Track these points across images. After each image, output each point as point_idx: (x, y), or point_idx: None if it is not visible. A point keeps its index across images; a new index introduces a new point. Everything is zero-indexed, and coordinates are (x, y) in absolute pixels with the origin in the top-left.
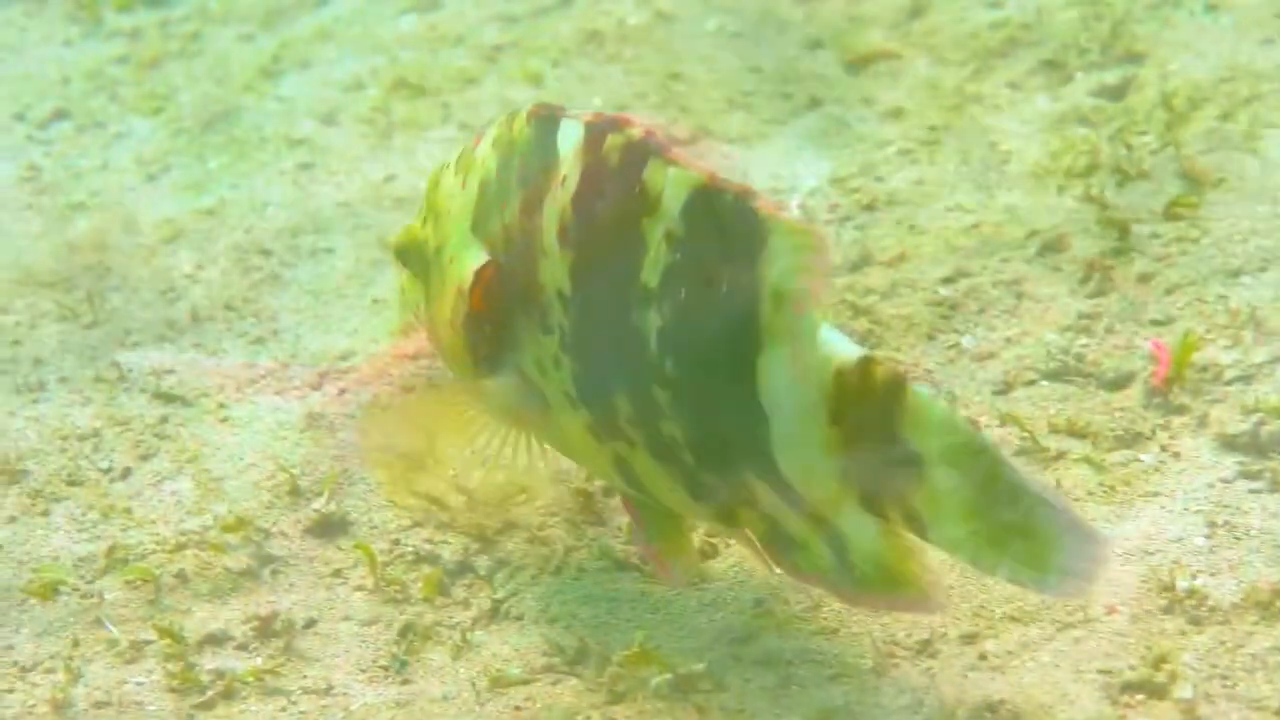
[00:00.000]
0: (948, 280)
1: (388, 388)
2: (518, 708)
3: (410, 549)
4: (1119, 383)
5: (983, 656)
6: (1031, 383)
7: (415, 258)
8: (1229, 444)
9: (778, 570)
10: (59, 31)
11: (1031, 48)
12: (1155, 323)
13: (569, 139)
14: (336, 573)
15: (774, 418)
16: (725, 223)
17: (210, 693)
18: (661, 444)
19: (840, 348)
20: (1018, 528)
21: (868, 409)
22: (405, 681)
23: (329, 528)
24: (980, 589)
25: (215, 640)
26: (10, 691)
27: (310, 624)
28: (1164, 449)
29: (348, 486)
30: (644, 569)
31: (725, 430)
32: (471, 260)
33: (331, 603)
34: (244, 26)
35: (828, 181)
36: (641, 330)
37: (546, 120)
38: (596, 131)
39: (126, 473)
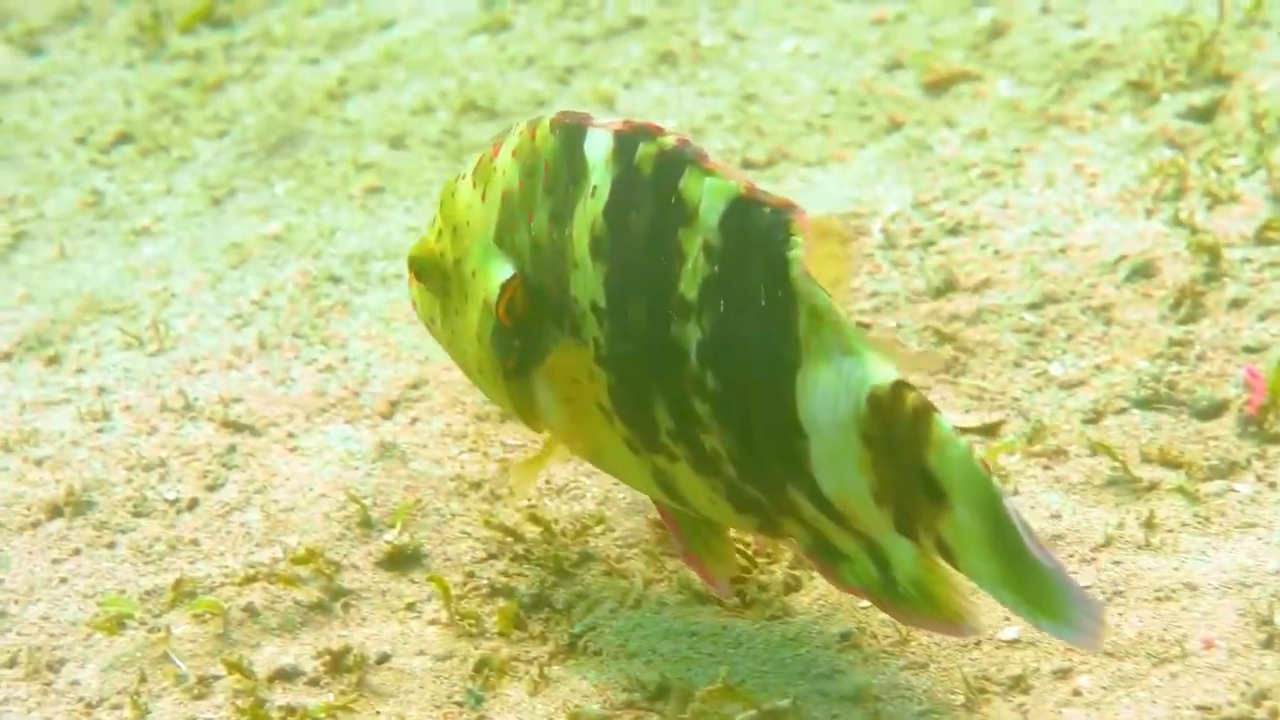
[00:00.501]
0: (1034, 306)
1: (460, 416)
2: None
3: (485, 582)
4: (1212, 411)
5: (1076, 693)
6: (1122, 411)
7: (432, 271)
8: None
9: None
10: (120, 54)
11: (1116, 69)
12: (1249, 350)
13: (597, 148)
14: (410, 606)
15: (812, 435)
16: (761, 235)
17: None
18: (703, 457)
19: (876, 369)
20: (1029, 575)
21: (898, 435)
22: (481, 718)
23: (402, 560)
24: None
25: (286, 675)
26: None
27: (383, 659)
28: (1260, 479)
29: (420, 518)
30: (725, 603)
31: (767, 445)
32: (497, 273)
33: (405, 637)
34: (309, 49)
35: (910, 205)
36: (681, 343)
37: (572, 129)
38: (627, 140)
39: (194, 503)
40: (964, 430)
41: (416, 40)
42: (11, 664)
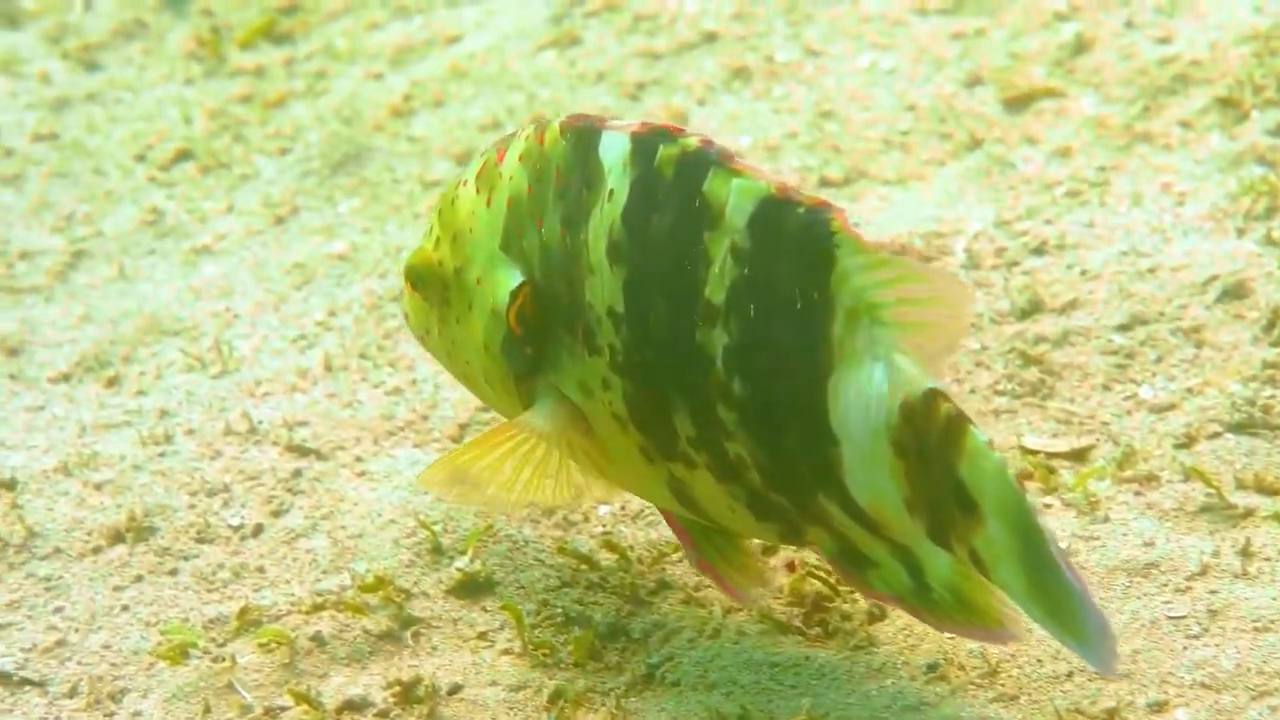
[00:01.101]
0: (1123, 328)
1: None
2: None
3: (560, 610)
4: None
5: None
6: (1215, 435)
7: (431, 281)
8: None
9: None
10: (180, 70)
11: (1203, 85)
12: None
13: (613, 151)
14: (482, 635)
15: (844, 442)
16: (795, 236)
17: None
18: (726, 465)
19: (909, 376)
20: (1058, 592)
21: (930, 444)
22: None
23: (473, 588)
24: (1168, 654)
25: (354, 706)
26: None
27: (455, 690)
28: None
29: (492, 544)
30: (807, 632)
31: (796, 452)
32: (505, 280)
33: (477, 667)
34: (373, 64)
35: (993, 224)
36: (706, 349)
37: (585, 132)
38: (646, 143)
39: (259, 529)
40: (1052, 455)
41: (484, 55)
42: (72, 693)
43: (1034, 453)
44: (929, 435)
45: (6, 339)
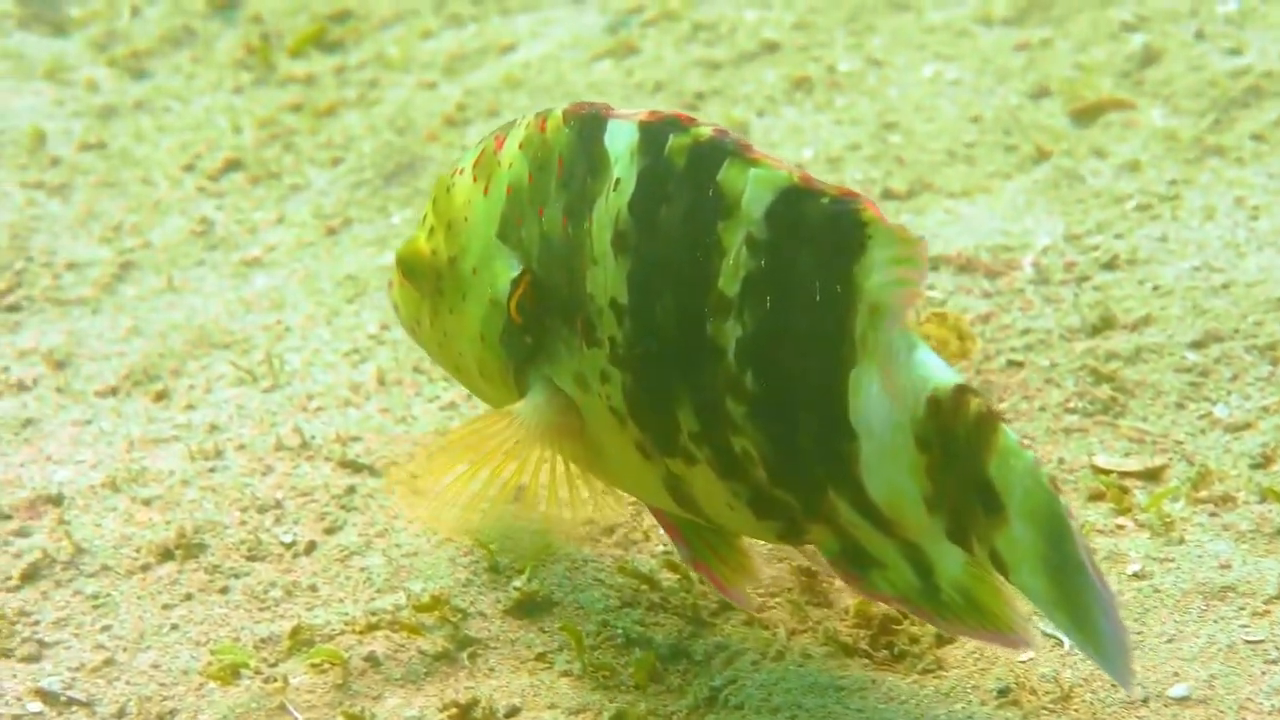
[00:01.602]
0: (1197, 345)
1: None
2: None
3: (620, 631)
4: None
5: None
6: None
7: (423, 271)
8: None
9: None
10: (229, 78)
11: (1275, 97)
12: None
13: (620, 140)
14: (540, 656)
15: (863, 438)
16: (817, 227)
17: None
18: (730, 460)
19: (935, 371)
20: (1084, 600)
21: (957, 441)
22: None
23: (531, 608)
24: (1246, 679)
25: None
26: None
27: (513, 712)
28: None
29: (551, 563)
30: (874, 655)
31: (809, 447)
32: (504, 269)
33: (535, 689)
34: (426, 73)
35: (1062, 238)
36: (717, 341)
37: (590, 120)
38: (655, 132)
39: (311, 547)
40: (1125, 474)
41: (539, 64)
42: (121, 714)
43: (1106, 472)
44: (956, 431)
45: (53, 352)
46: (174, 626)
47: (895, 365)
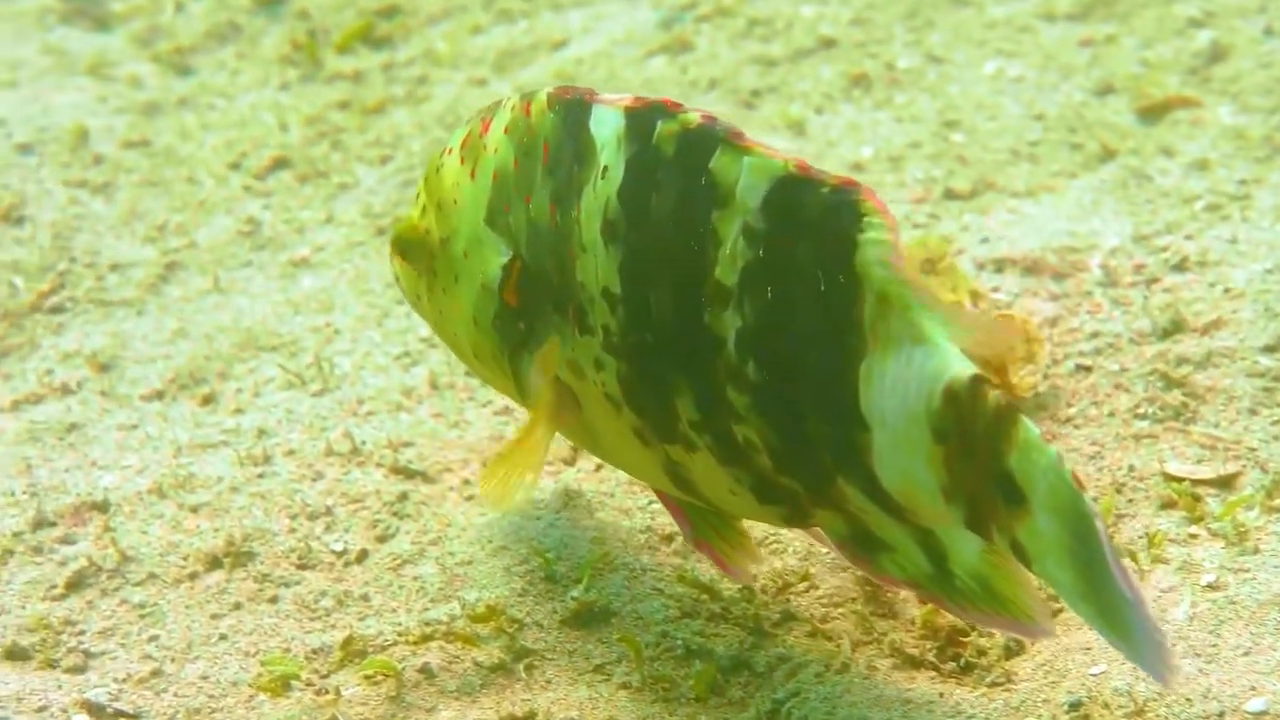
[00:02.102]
0: (1270, 349)
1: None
2: None
3: (680, 642)
4: None
5: None
6: None
7: (418, 250)
8: None
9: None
10: (274, 75)
11: None
12: None
13: (606, 126)
14: (598, 668)
15: (876, 429)
16: (817, 216)
17: None
18: (732, 448)
19: (952, 361)
20: (1110, 593)
21: (975, 433)
22: None
23: (589, 618)
24: None
25: None
26: None
27: None
28: None
29: (609, 572)
30: (941, 667)
31: (817, 436)
32: (494, 255)
33: (594, 701)
34: (475, 70)
35: (1131, 240)
36: (716, 331)
37: (574, 105)
38: (642, 117)
39: (363, 555)
40: (1198, 482)
41: (591, 60)
42: None
43: (1178, 479)
44: (974, 423)
45: (98, 354)
46: (223, 637)
47: (908, 355)
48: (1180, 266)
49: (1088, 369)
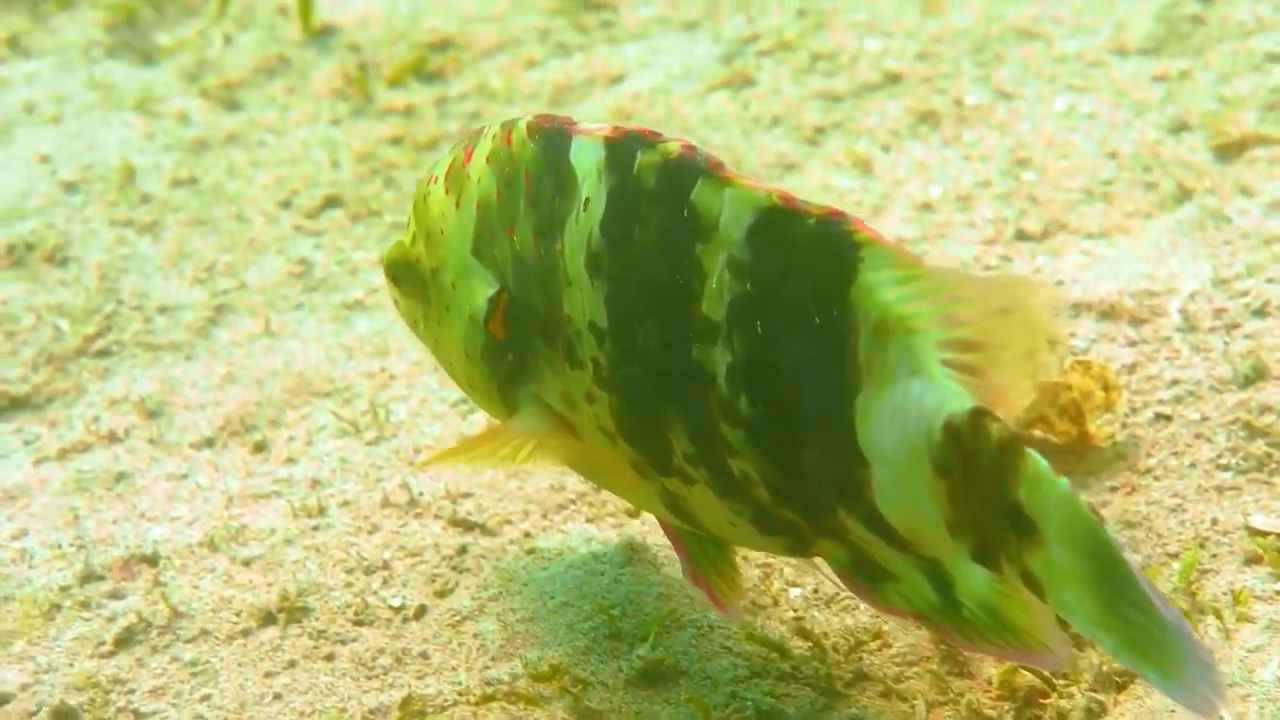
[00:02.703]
0: None
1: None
2: None
3: (750, 703)
4: None
5: None
6: None
7: (410, 278)
8: None
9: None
10: (325, 109)
11: None
12: None
13: (586, 156)
14: None
15: (876, 464)
16: (806, 248)
17: None
18: (730, 481)
19: (949, 395)
20: (1142, 626)
21: (980, 467)
22: None
23: (656, 677)
24: None
25: None
26: None
27: None
28: None
29: (675, 630)
30: None
31: (816, 471)
32: (480, 288)
33: None
34: (530, 105)
35: (1210, 283)
36: (705, 366)
37: (554, 135)
38: (621, 148)
39: (421, 611)
40: None
41: (649, 96)
42: None
43: (1264, 534)
44: (977, 457)
45: (145, 400)
46: (277, 696)
47: (905, 389)
48: (1262, 311)
49: (1167, 418)
